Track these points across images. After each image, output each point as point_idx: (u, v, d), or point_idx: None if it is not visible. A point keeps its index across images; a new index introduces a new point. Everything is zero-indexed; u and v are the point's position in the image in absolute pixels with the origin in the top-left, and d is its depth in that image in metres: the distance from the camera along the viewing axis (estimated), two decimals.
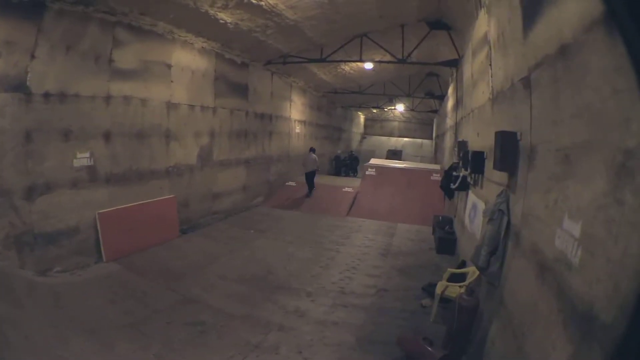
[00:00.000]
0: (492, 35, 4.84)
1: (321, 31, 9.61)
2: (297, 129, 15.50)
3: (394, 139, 31.47)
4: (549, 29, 2.68)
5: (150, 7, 6.53)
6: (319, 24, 8.99)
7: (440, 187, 9.55)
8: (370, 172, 12.84)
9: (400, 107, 25.52)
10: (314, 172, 12.48)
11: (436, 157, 20.16)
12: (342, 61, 12.14)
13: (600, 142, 1.93)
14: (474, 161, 5.41)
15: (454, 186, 7.24)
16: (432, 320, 4.78)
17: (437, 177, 11.55)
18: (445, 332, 4.21)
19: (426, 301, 5.30)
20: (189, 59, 8.18)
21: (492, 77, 4.92)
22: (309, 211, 11.06)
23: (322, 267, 6.71)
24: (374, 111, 29.32)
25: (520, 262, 3.12)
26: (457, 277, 5.06)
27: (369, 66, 13.10)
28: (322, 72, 14.28)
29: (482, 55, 5.65)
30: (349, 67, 14.22)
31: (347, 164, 19.89)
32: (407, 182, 12.18)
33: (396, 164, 14.71)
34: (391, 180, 12.38)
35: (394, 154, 26.21)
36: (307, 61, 11.21)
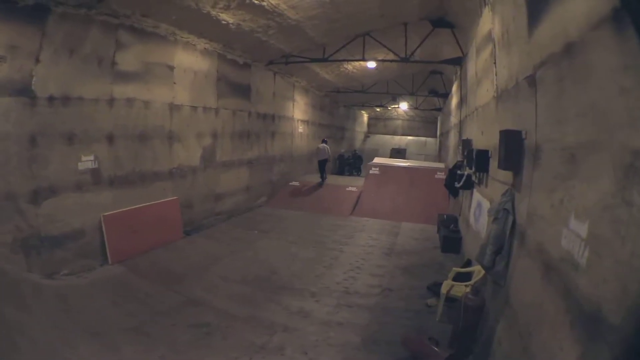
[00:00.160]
0: (497, 33, 4.81)
1: (323, 31, 9.59)
2: (300, 128, 15.50)
3: (397, 138, 31.38)
4: (554, 27, 2.65)
5: (152, 9, 6.54)
6: (320, 23, 8.98)
7: (444, 186, 9.51)
8: (373, 171, 12.78)
9: (403, 106, 25.47)
10: (325, 160, 13.69)
11: (440, 156, 20.09)
12: (344, 60, 12.11)
13: (607, 141, 1.91)
14: (478, 160, 5.40)
15: (459, 185, 7.22)
16: (437, 319, 4.75)
17: (441, 175, 11.49)
18: (451, 331, 4.20)
19: (432, 300, 5.27)
20: (191, 60, 8.19)
21: (496, 75, 4.89)
22: (313, 211, 11.03)
23: (326, 267, 6.70)
24: (377, 110, 29.26)
25: (525, 261, 3.10)
26: (462, 276, 5.02)
27: (372, 65, 13.03)
28: (324, 72, 14.25)
29: (486, 53, 5.62)
30: (351, 66, 14.18)
31: (351, 163, 19.85)
32: (411, 181, 12.12)
33: (400, 163, 14.64)
34: (395, 179, 12.32)
35: (398, 153, 26.12)
36: (310, 61, 11.18)
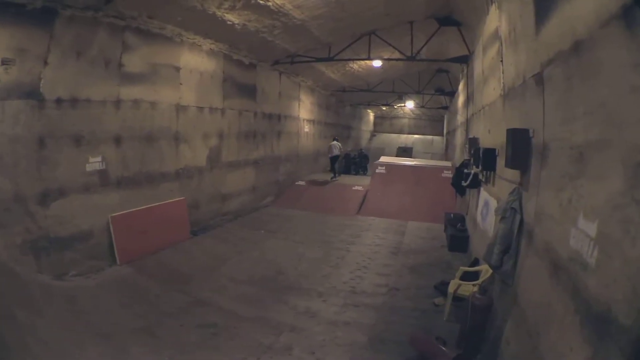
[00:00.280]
0: (503, 31, 4.77)
1: (328, 30, 9.57)
2: (306, 128, 15.50)
3: (404, 136, 31.28)
4: (562, 24, 2.62)
5: (158, 10, 6.58)
6: (325, 22, 8.96)
7: (451, 185, 9.47)
8: (380, 170, 12.74)
9: (410, 104, 25.37)
10: (337, 156, 14.94)
11: (447, 154, 19.97)
12: (350, 59, 12.06)
13: (616, 140, 1.89)
14: (485, 158, 5.36)
15: (465, 183, 7.17)
16: (445, 319, 4.74)
17: (448, 174, 11.44)
18: (458, 331, 4.19)
19: (439, 300, 5.25)
20: (197, 61, 8.22)
21: (503, 73, 4.85)
22: (319, 210, 11.03)
23: (333, 266, 6.70)
24: (384, 109, 29.19)
25: (533, 260, 3.08)
26: (470, 276, 5.00)
27: (378, 64, 12.99)
28: (330, 71, 14.23)
29: (493, 51, 5.58)
30: (357, 65, 14.14)
31: (357, 162, 19.77)
32: (417, 180, 12.07)
33: (406, 162, 14.58)
34: (401, 178, 12.27)
35: (404, 152, 25.96)
36: (315, 60, 11.16)
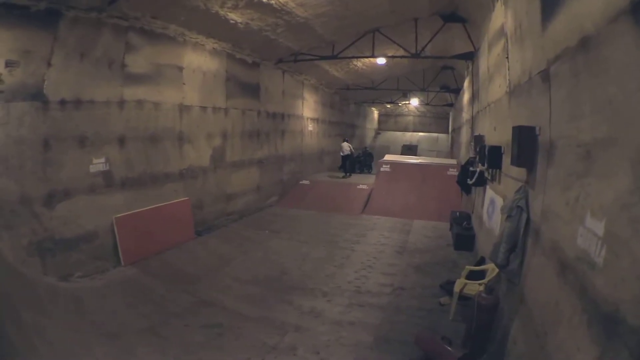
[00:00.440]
0: (509, 27, 4.72)
1: (332, 28, 9.53)
2: (310, 127, 15.48)
3: (408, 134, 31.15)
4: (569, 20, 2.58)
5: (161, 10, 6.59)
6: (329, 20, 8.92)
7: (456, 183, 9.43)
8: (384, 168, 12.69)
9: (414, 102, 25.28)
10: (348, 156, 15.50)
11: (452, 152, 19.85)
12: (354, 57, 11.97)
13: (624, 138, 1.86)
14: (491, 156, 5.32)
15: (471, 181, 7.13)
16: (451, 318, 4.70)
17: (453, 172, 11.37)
18: (464, 330, 4.15)
19: (445, 299, 5.21)
20: (200, 61, 8.23)
21: (509, 70, 4.80)
22: (323, 210, 11.00)
23: (337, 266, 6.67)
24: (388, 106, 29.08)
25: (540, 259, 3.05)
26: (476, 275, 4.95)
27: (382, 61, 12.94)
28: (333, 69, 14.19)
29: (499, 48, 5.52)
30: (361, 63, 14.09)
31: (361, 161, 19.66)
32: (422, 178, 12.00)
33: (411, 160, 14.53)
34: (406, 176, 12.21)
35: (409, 149, 25.84)
36: (319, 58, 11.14)
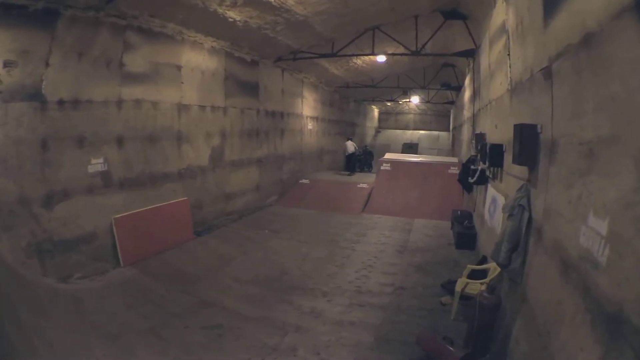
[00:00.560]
0: (511, 24, 4.68)
1: (331, 25, 9.48)
2: (310, 125, 15.43)
3: (409, 132, 31.10)
4: (572, 17, 2.55)
5: (159, 9, 6.55)
6: (328, 18, 8.87)
7: (458, 181, 9.38)
8: (385, 167, 12.63)
9: (415, 100, 25.22)
10: (352, 154, 15.97)
11: (454, 150, 19.80)
12: (353, 55, 11.92)
13: (627, 136, 1.83)
14: (492, 154, 5.28)
15: (472, 180, 7.09)
16: (452, 318, 4.67)
17: (454, 170, 11.32)
18: (466, 330, 4.12)
19: (446, 299, 5.18)
20: (198, 60, 8.19)
21: (510, 67, 4.76)
22: (323, 209, 10.95)
23: (338, 266, 6.64)
24: (388, 104, 29.05)
25: (542, 259, 3.02)
26: (477, 274, 4.92)
27: (382, 59, 12.89)
28: (333, 67, 14.14)
29: (500, 45, 5.49)
30: (361, 61, 14.04)
31: (361, 159, 19.59)
32: (423, 177, 11.95)
33: (412, 158, 14.46)
34: (407, 174, 12.16)
35: (410, 148, 25.76)
36: (318, 56, 11.09)
